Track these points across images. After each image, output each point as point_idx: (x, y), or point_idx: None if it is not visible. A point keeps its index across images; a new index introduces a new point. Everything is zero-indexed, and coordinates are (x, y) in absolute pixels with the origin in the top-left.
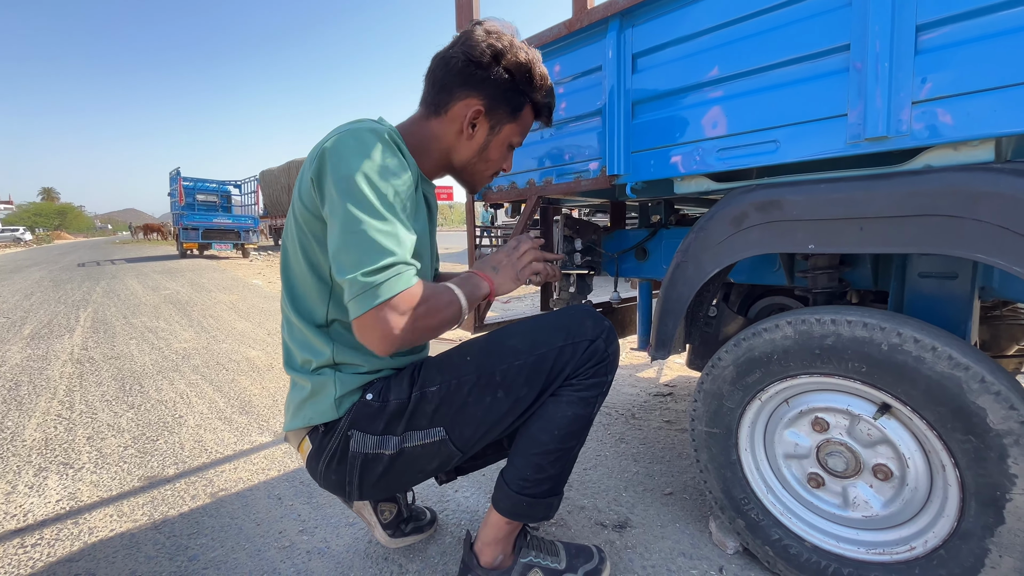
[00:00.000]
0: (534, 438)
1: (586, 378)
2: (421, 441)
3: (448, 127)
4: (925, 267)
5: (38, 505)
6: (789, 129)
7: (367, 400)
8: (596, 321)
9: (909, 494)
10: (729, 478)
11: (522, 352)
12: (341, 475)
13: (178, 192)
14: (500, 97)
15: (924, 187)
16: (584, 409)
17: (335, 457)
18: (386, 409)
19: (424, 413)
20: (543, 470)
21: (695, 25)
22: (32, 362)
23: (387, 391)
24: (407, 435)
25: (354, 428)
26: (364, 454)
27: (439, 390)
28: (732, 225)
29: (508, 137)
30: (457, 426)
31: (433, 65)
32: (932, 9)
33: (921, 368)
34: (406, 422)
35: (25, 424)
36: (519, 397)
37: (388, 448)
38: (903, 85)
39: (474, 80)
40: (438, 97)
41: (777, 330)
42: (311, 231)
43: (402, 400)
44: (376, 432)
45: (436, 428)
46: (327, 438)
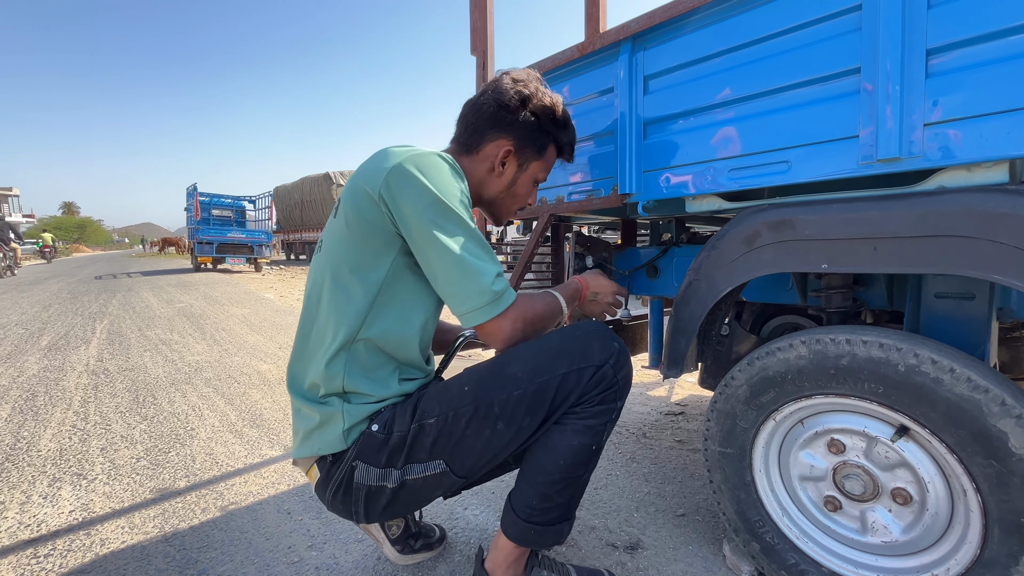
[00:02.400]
0: (539, 466)
1: (592, 405)
2: (422, 474)
3: (480, 165)
4: (941, 287)
5: (51, 515)
6: (801, 150)
7: (372, 432)
8: (604, 343)
9: (930, 519)
10: (743, 500)
11: (522, 381)
12: (347, 504)
13: (194, 207)
14: (527, 138)
15: (939, 208)
16: (591, 438)
17: (341, 487)
18: (389, 441)
19: (423, 446)
20: (549, 499)
21: (706, 48)
22: (49, 373)
23: (391, 422)
24: (407, 468)
25: (359, 459)
26: (368, 486)
27: (436, 423)
28: (744, 244)
29: (534, 174)
30: (457, 457)
31: (465, 110)
32: (941, 34)
33: (939, 390)
34: (406, 455)
35: (40, 434)
36: (521, 427)
37: (390, 481)
38: (915, 107)
39: (504, 123)
40: (471, 138)
41: (791, 349)
42: (368, 243)
43: (403, 432)
44: (379, 465)
45: (436, 461)
46: (334, 467)
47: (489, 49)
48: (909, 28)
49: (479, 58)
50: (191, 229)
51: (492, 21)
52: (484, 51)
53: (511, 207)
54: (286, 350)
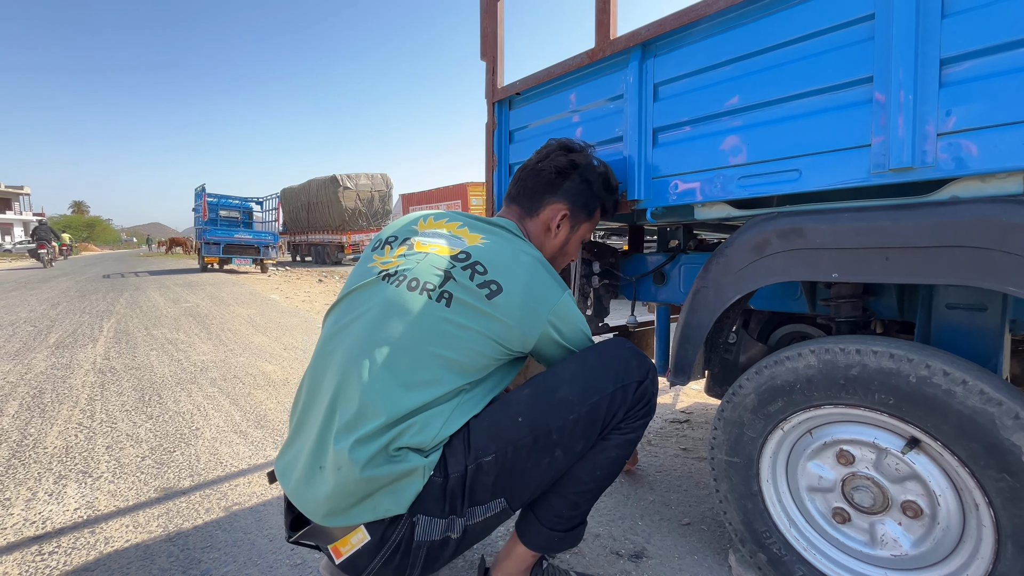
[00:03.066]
0: (575, 478)
1: (634, 420)
2: (483, 516)
3: (539, 227)
4: (952, 298)
5: (57, 513)
6: (812, 158)
7: (432, 478)
8: (641, 361)
9: (940, 533)
10: (750, 510)
11: (575, 404)
12: (402, 568)
13: (202, 207)
14: (580, 202)
15: (952, 218)
16: (627, 450)
17: (398, 550)
18: (447, 486)
19: (484, 486)
20: (578, 507)
21: (717, 56)
22: (56, 370)
23: (446, 465)
24: (469, 512)
25: (419, 513)
26: (430, 542)
27: (496, 459)
28: (754, 252)
29: (584, 234)
30: (517, 492)
31: (523, 175)
32: (955, 44)
33: (951, 402)
34: (468, 498)
35: (47, 431)
36: (575, 451)
37: (455, 532)
38: (928, 117)
39: (560, 189)
40: (531, 203)
41: (800, 359)
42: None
43: (460, 473)
44: (442, 515)
45: (497, 500)
46: (391, 529)
47: (499, 55)
48: (923, 38)
49: (489, 64)
50: (198, 230)
51: (502, 27)
52: (494, 57)
53: (562, 264)
54: (291, 351)
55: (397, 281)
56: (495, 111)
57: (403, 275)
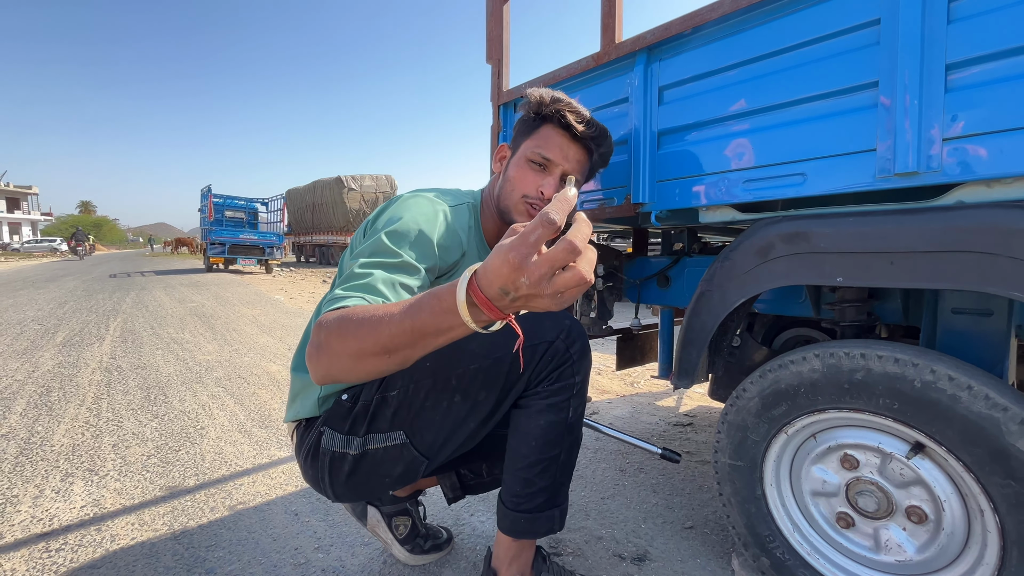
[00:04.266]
0: (515, 452)
1: (551, 383)
2: (383, 444)
3: (494, 179)
4: (958, 303)
5: (64, 510)
6: (816, 162)
7: (341, 399)
8: (555, 320)
9: (945, 539)
10: (753, 513)
11: (478, 355)
12: (315, 471)
13: (208, 208)
14: (519, 132)
15: (957, 223)
16: (557, 415)
17: (310, 452)
18: (354, 410)
19: (384, 416)
20: (532, 483)
21: (722, 60)
22: (63, 369)
23: (359, 391)
24: (369, 437)
25: (326, 425)
26: (332, 451)
27: (398, 394)
28: (758, 256)
29: (525, 152)
30: (418, 431)
31: None
32: (961, 50)
33: (956, 407)
34: (368, 424)
35: (54, 429)
36: (477, 401)
37: (352, 448)
38: (934, 122)
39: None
40: None
41: (804, 363)
42: None
43: (367, 402)
44: (343, 431)
45: (396, 432)
46: (306, 433)
47: (505, 58)
48: (928, 43)
49: (494, 67)
50: (204, 230)
51: (508, 30)
52: (500, 60)
53: (510, 195)
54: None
55: None
56: (500, 114)
57: None
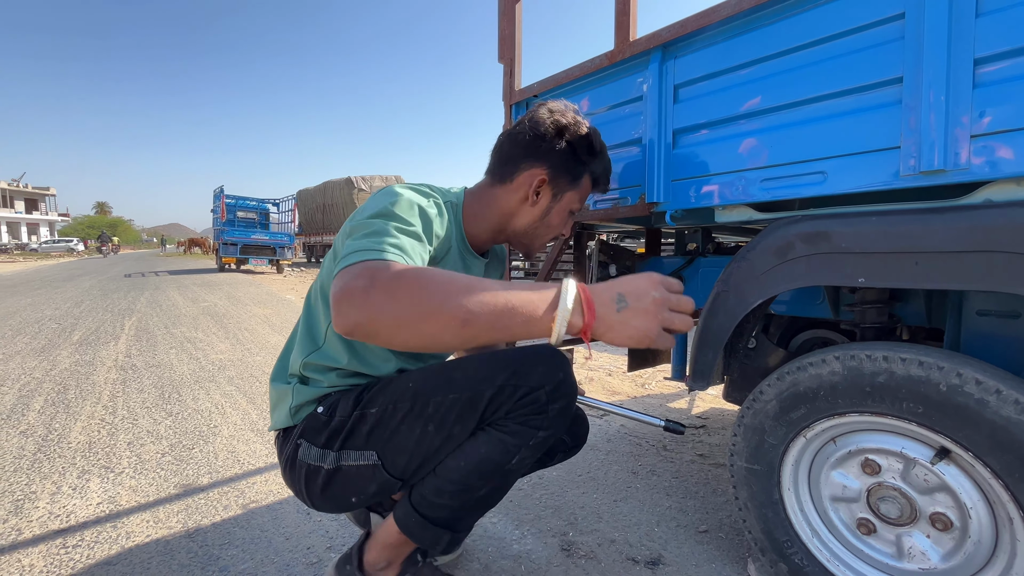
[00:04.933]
0: (447, 465)
1: (513, 423)
2: (355, 462)
3: (512, 195)
4: (984, 305)
5: (80, 507)
6: (837, 160)
7: (317, 413)
8: (549, 369)
9: (972, 547)
10: (771, 518)
11: (460, 386)
12: (293, 480)
13: (220, 209)
14: (562, 167)
15: (986, 222)
16: (500, 455)
17: (289, 462)
18: (330, 424)
19: (360, 434)
20: (441, 494)
21: (740, 57)
22: (80, 367)
23: (335, 406)
24: (343, 453)
25: (302, 438)
26: (308, 464)
27: (376, 412)
28: (776, 256)
29: (569, 204)
30: (390, 453)
31: (500, 140)
32: (990, 44)
33: (984, 412)
34: (343, 440)
35: (71, 427)
36: (451, 434)
37: (327, 463)
38: (961, 118)
39: (539, 152)
40: (504, 168)
41: (824, 365)
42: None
43: (344, 417)
44: (319, 445)
45: (369, 451)
46: (284, 443)
47: (517, 57)
48: (956, 37)
49: (506, 66)
50: (217, 230)
51: (520, 29)
52: (512, 59)
53: (544, 237)
54: None
55: None
56: (512, 113)
57: None
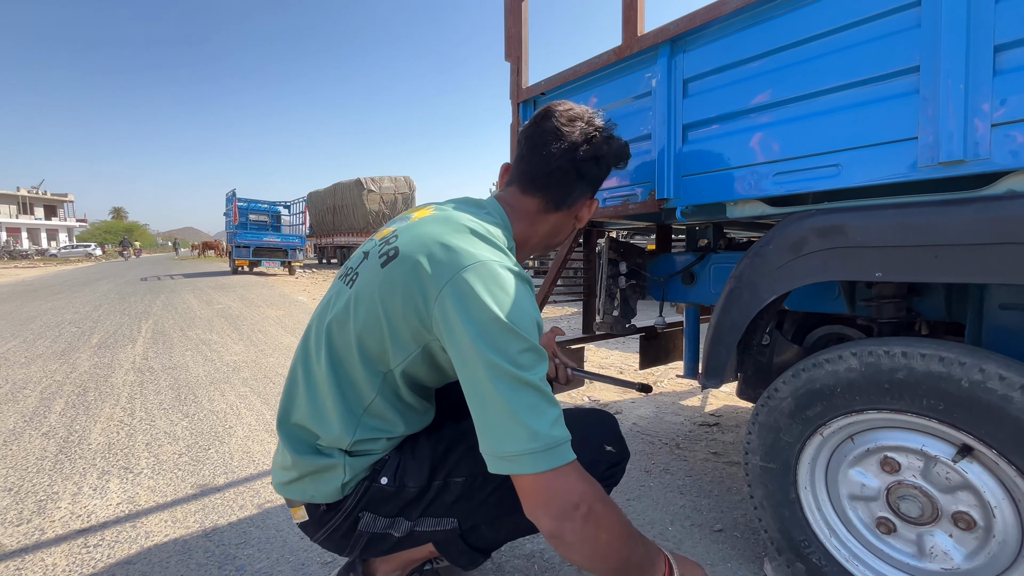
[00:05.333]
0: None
1: None
2: (432, 528)
3: (567, 219)
4: (1007, 298)
5: (100, 507)
6: (852, 153)
7: (382, 484)
8: (620, 443)
9: (996, 547)
10: (787, 518)
11: None
12: (342, 545)
13: (233, 212)
14: (599, 182)
15: (1009, 213)
16: None
17: (338, 531)
18: (402, 494)
19: (443, 503)
20: (500, 533)
21: (750, 50)
22: (99, 370)
23: (404, 475)
24: (421, 521)
25: (366, 511)
26: (372, 533)
27: (463, 483)
28: (791, 251)
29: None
30: (471, 520)
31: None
32: (1011, 29)
33: (1008, 408)
34: (423, 509)
35: (91, 428)
36: None
37: (399, 531)
38: (980, 107)
39: (596, 180)
40: (567, 195)
41: (840, 361)
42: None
43: (422, 487)
44: (388, 515)
45: (451, 519)
46: (330, 515)
47: (524, 55)
48: (975, 24)
49: (513, 64)
50: (229, 233)
51: (527, 27)
52: (519, 57)
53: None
54: None
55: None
56: (520, 112)
57: (351, 267)
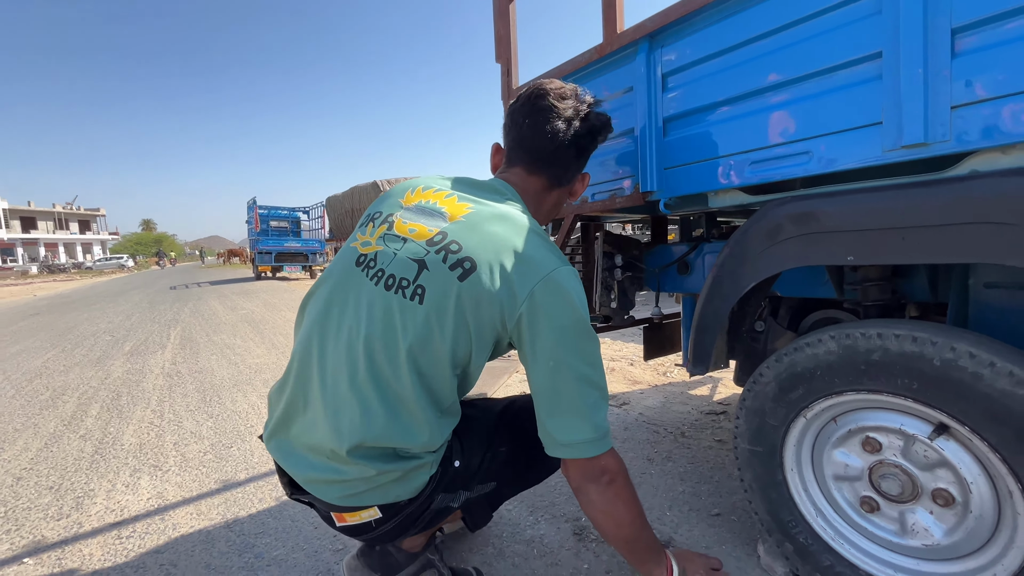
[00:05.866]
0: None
1: None
2: (480, 492)
3: (566, 195)
4: (992, 277)
5: (132, 502)
6: (821, 140)
7: (456, 468)
8: None
9: (974, 522)
10: (775, 499)
11: None
12: (406, 528)
13: (254, 219)
14: (589, 155)
15: (971, 193)
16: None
17: (411, 517)
18: (468, 471)
19: (490, 471)
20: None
21: (723, 42)
22: (131, 375)
23: (469, 455)
24: (474, 488)
25: (440, 491)
26: (438, 509)
27: (507, 451)
28: (768, 238)
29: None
30: (508, 481)
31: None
32: (967, 12)
33: (979, 385)
34: (478, 479)
35: (123, 430)
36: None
37: (458, 501)
38: (940, 90)
39: (586, 153)
40: (568, 172)
41: (820, 344)
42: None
43: (479, 461)
44: (454, 490)
45: (492, 483)
46: (406, 507)
47: (513, 57)
48: (932, 8)
49: (504, 66)
50: (252, 240)
51: (515, 30)
52: (508, 59)
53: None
54: None
55: (376, 276)
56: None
57: (381, 269)
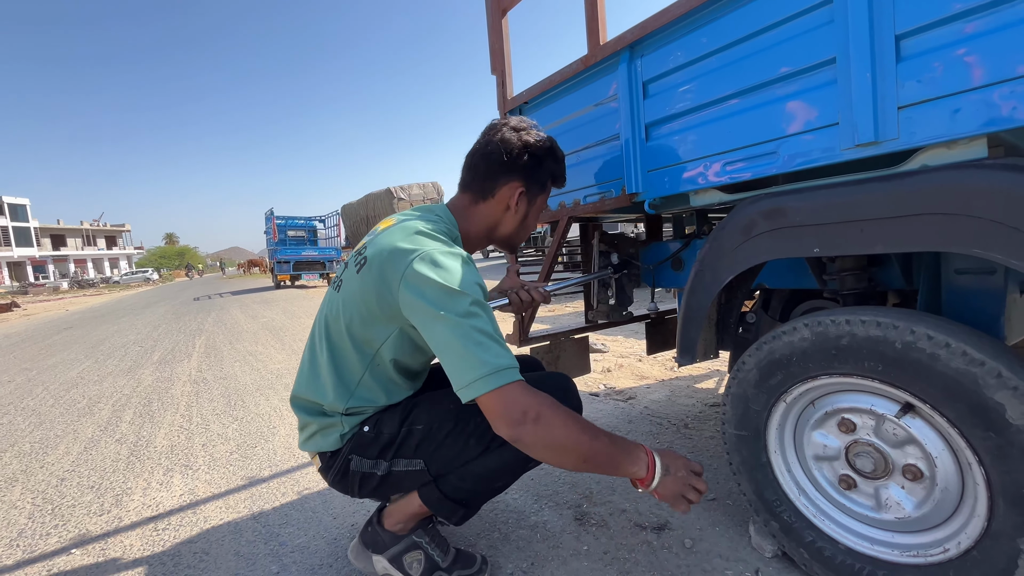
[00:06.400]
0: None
1: None
2: (405, 468)
3: (496, 207)
4: (962, 263)
5: (166, 498)
6: (786, 140)
7: (364, 432)
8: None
9: (940, 495)
10: (761, 480)
11: None
12: (344, 485)
13: (272, 229)
14: (533, 177)
15: (919, 187)
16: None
17: (339, 472)
18: (379, 440)
19: (409, 446)
20: (465, 480)
21: (695, 51)
22: (160, 383)
23: (381, 424)
24: (395, 461)
25: (354, 453)
26: (361, 472)
27: (423, 429)
28: (742, 234)
29: (541, 205)
30: (434, 461)
31: (474, 161)
32: (909, 19)
33: (936, 365)
34: (394, 451)
35: (155, 434)
36: (489, 446)
37: (380, 470)
38: (888, 91)
39: (514, 168)
40: (484, 184)
41: (795, 332)
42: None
43: (393, 433)
44: (371, 457)
45: (417, 460)
46: (333, 460)
47: (507, 68)
48: (877, 16)
49: (499, 77)
50: (270, 250)
51: (508, 42)
52: (503, 70)
53: (524, 236)
54: None
55: (336, 281)
56: None
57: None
